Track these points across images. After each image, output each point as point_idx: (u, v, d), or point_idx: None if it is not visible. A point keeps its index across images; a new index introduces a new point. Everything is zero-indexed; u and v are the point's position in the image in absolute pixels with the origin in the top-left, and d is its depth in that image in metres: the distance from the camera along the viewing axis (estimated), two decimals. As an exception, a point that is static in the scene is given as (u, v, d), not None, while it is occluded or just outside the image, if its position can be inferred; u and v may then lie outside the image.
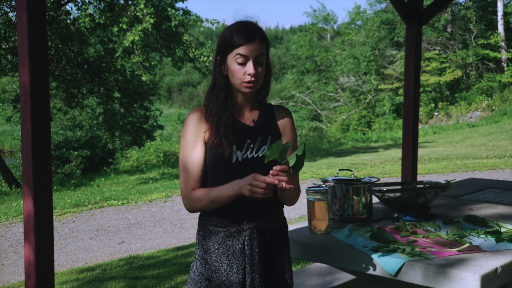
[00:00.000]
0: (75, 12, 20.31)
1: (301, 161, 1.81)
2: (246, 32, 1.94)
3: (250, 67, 1.93)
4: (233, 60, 1.94)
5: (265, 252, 2.01)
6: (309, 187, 2.43)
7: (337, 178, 2.72)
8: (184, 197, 2.01)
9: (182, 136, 2.00)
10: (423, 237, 2.34)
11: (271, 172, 1.79)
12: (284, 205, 2.12)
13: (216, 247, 1.99)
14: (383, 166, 12.30)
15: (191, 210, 2.01)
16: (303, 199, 2.92)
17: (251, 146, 2.00)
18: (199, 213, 2.08)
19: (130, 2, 13.62)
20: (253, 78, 1.94)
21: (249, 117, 2.05)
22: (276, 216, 2.07)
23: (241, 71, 1.94)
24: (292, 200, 2.07)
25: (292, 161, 1.81)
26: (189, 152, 1.98)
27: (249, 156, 1.99)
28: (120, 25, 13.49)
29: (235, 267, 1.97)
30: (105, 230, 7.39)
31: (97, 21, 13.76)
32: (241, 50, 1.92)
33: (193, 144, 1.98)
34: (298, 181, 2.08)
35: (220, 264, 1.98)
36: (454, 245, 2.22)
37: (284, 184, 1.78)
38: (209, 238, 2.00)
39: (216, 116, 1.97)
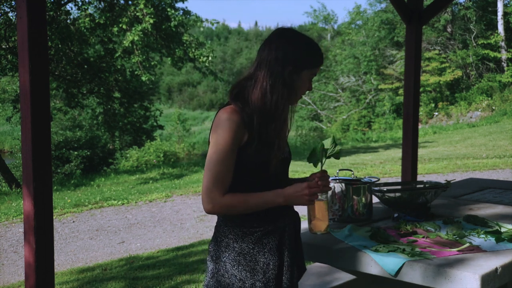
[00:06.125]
0: (75, 12, 20.31)
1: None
2: (322, 55, 2.06)
3: (311, 85, 2.07)
4: (307, 76, 2.02)
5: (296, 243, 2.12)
6: (309, 187, 2.43)
7: (337, 178, 2.72)
8: (214, 200, 1.94)
9: (222, 140, 1.93)
10: (423, 237, 2.35)
11: (316, 179, 2.01)
12: None
13: (251, 247, 1.99)
14: (383, 166, 12.30)
15: (216, 213, 1.99)
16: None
17: None
18: (212, 214, 2.11)
19: (130, 2, 13.61)
20: None
21: None
22: (293, 210, 2.15)
23: (306, 87, 2.05)
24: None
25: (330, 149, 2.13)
26: (228, 157, 1.93)
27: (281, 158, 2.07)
28: (120, 25, 13.48)
29: (271, 264, 1.99)
30: (105, 230, 7.39)
31: (97, 21, 13.75)
32: (317, 70, 2.05)
33: (233, 150, 1.94)
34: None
35: (256, 263, 1.98)
36: (454, 245, 2.22)
37: (325, 188, 2.03)
38: (242, 240, 2.00)
39: (280, 131, 2.00)
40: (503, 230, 2.45)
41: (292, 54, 1.97)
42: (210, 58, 14.45)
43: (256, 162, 1.96)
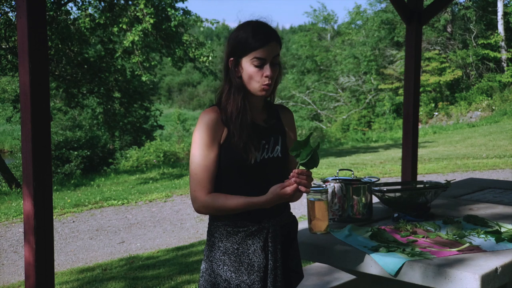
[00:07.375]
0: (75, 12, 20.33)
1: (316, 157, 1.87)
2: (263, 34, 1.91)
3: (267, 70, 1.92)
4: (249, 63, 1.92)
5: (283, 247, 2.04)
6: (309, 187, 2.42)
7: (337, 178, 2.72)
8: (197, 199, 1.95)
9: (199, 137, 1.94)
10: (423, 237, 2.34)
11: (291, 174, 1.84)
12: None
13: (236, 247, 1.97)
14: (383, 166, 12.30)
15: (204, 213, 1.99)
16: (303, 199, 2.91)
17: (266, 146, 2.01)
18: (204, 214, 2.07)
19: (130, 2, 13.61)
20: (270, 81, 1.93)
21: (260, 117, 2.04)
22: (287, 212, 2.10)
23: (259, 74, 1.92)
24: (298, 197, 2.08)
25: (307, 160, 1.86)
26: (206, 154, 1.93)
27: (266, 157, 1.99)
28: (120, 25, 13.48)
29: (256, 265, 1.96)
30: (105, 230, 7.39)
31: (97, 21, 13.75)
32: (259, 53, 1.90)
33: (211, 147, 1.93)
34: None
35: (240, 264, 1.96)
36: (454, 245, 2.22)
37: (302, 188, 1.83)
38: (227, 239, 1.98)
39: (238, 119, 1.93)
40: (503, 230, 2.44)
41: (230, 47, 1.95)
42: (210, 58, 14.45)
43: (237, 158, 1.94)
